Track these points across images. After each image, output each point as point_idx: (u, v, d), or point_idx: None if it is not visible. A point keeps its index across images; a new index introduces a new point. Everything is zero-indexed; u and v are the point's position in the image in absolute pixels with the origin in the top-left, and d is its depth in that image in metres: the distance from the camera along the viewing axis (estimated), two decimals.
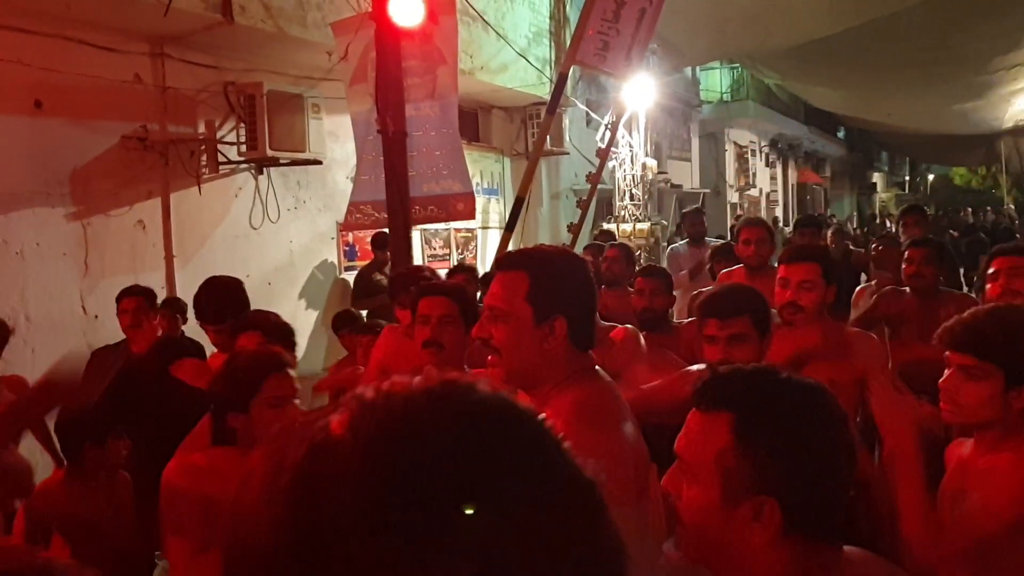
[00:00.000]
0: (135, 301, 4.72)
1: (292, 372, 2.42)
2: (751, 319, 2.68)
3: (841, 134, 29.76)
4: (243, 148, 7.07)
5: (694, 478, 1.24)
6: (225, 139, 7.13)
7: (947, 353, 2.04)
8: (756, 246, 5.26)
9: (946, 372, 2.05)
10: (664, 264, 7.89)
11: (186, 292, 6.05)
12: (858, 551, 1.28)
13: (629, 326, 3.58)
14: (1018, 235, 17.66)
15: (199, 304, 3.80)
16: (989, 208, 28.68)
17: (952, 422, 2.12)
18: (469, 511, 0.56)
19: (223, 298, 3.77)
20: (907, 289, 4.69)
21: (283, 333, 3.15)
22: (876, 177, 38.26)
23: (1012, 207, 30.70)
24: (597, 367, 1.98)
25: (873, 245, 5.94)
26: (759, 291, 2.91)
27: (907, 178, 42.73)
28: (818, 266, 3.16)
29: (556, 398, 1.82)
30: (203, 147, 7.05)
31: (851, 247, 9.89)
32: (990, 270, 3.64)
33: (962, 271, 9.75)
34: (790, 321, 3.11)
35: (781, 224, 20.72)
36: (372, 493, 0.57)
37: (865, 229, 18.33)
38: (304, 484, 0.59)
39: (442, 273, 7.96)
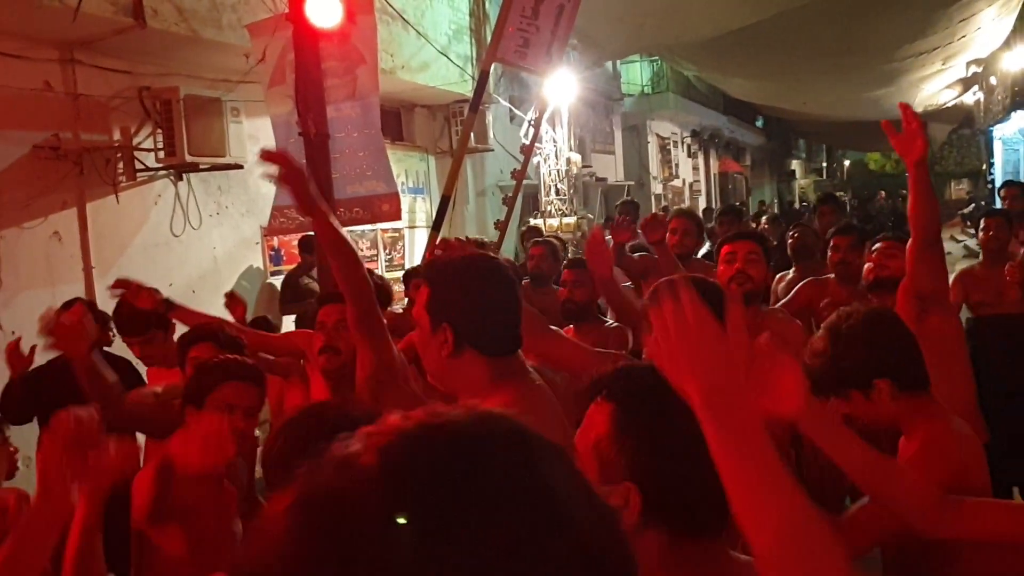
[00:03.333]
0: (80, 310, 4.60)
1: (255, 387, 2.46)
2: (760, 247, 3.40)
3: (760, 123, 30.39)
4: (161, 154, 6.93)
5: (582, 466, 1.28)
6: (142, 146, 6.98)
7: None
8: (680, 236, 5.37)
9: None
10: None
11: (107, 304, 5.90)
12: (745, 558, 1.27)
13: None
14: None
15: (119, 317, 3.76)
16: (904, 191, 29.59)
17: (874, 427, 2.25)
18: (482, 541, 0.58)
19: (141, 310, 3.74)
20: (830, 276, 4.77)
21: (236, 346, 3.16)
22: (795, 164, 39.15)
23: None
24: (531, 368, 2.02)
25: (790, 232, 6.06)
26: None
27: (824, 164, 43.86)
28: (759, 245, 3.45)
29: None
30: (119, 154, 6.88)
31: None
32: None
33: None
34: (741, 291, 3.30)
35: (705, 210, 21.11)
36: (391, 516, 0.58)
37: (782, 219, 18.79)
38: (325, 502, 0.61)
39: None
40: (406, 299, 6.26)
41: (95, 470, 1.61)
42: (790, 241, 5.84)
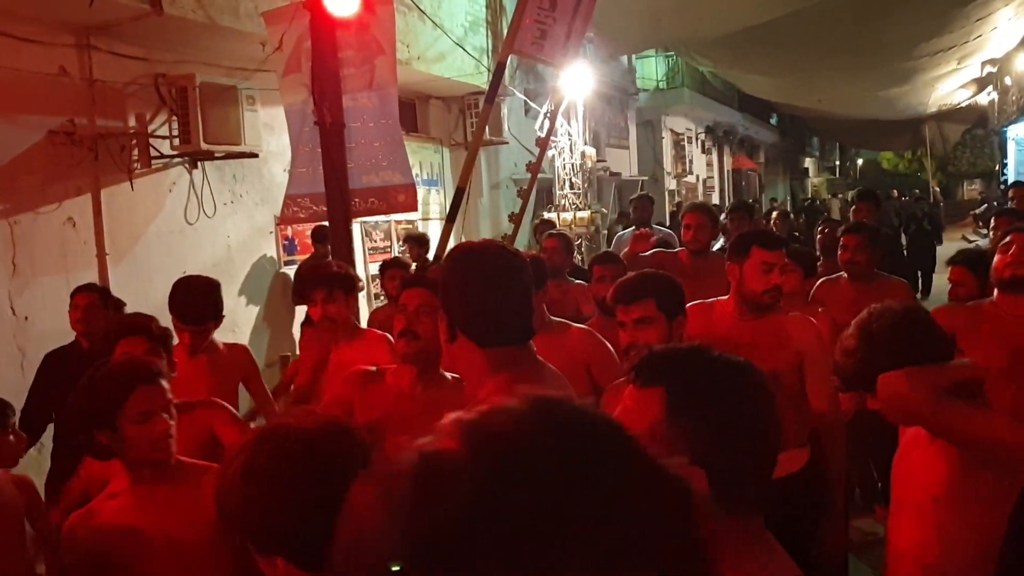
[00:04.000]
0: (87, 298, 4.59)
1: (164, 383, 2.31)
2: (655, 302, 2.81)
3: (774, 120, 30.28)
4: (176, 142, 6.91)
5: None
6: (157, 133, 6.96)
7: None
8: (695, 231, 5.34)
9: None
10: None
11: (120, 290, 5.90)
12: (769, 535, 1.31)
13: (584, 327, 3.65)
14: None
15: (178, 305, 3.71)
16: (917, 191, 29.47)
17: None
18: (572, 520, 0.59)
19: (202, 299, 3.72)
20: (842, 275, 4.79)
21: (166, 339, 3.11)
22: (808, 162, 39.02)
23: (938, 189, 31.61)
24: (530, 358, 2.02)
25: (819, 228, 6.05)
26: (666, 275, 3.04)
27: (837, 163, 43.70)
28: (786, 252, 3.51)
29: (478, 395, 1.92)
30: (134, 141, 6.86)
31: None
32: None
33: None
34: (772, 305, 3.31)
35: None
36: (486, 502, 0.59)
37: (802, 216, 18.65)
38: (422, 492, 0.61)
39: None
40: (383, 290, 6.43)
41: None
42: (819, 237, 5.81)
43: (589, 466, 0.62)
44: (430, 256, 7.50)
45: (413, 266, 7.15)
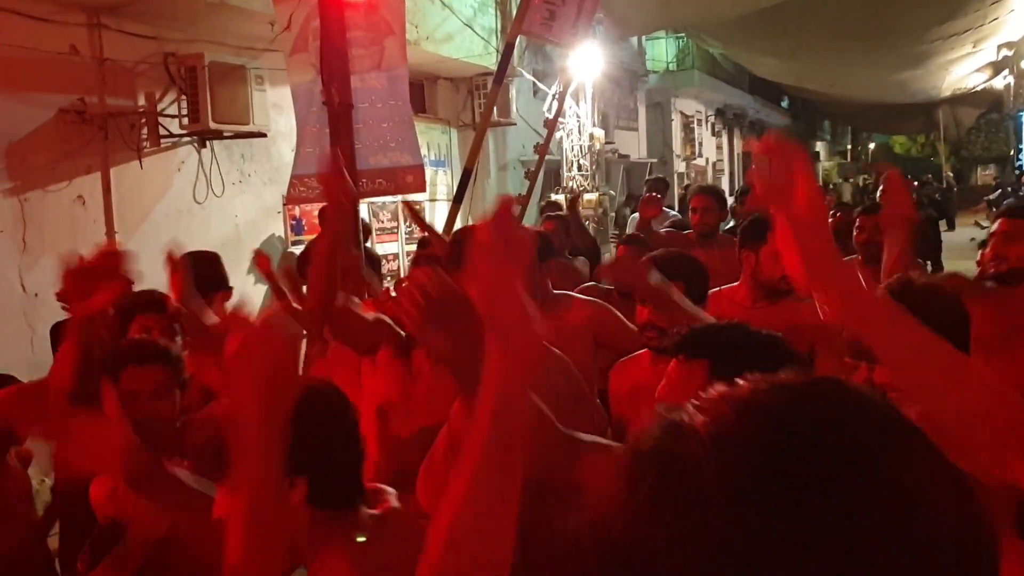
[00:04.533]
0: None
1: (164, 365, 2.34)
2: (684, 285, 2.71)
3: (785, 103, 30.10)
4: (185, 121, 6.94)
5: None
6: (166, 112, 6.99)
7: None
8: (701, 215, 5.34)
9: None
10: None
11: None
12: None
13: (591, 299, 3.64)
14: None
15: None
16: (929, 175, 29.32)
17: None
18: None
19: (208, 272, 3.75)
20: (856, 257, 4.75)
21: (180, 315, 3.12)
22: (819, 146, 38.77)
23: (951, 174, 31.43)
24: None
25: (832, 213, 6.02)
26: (696, 258, 2.98)
27: (849, 147, 43.42)
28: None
29: None
30: (143, 120, 6.90)
31: None
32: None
33: None
34: (789, 291, 3.22)
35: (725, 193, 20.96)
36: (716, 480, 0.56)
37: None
38: (709, 495, 0.57)
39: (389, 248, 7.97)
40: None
41: None
42: (831, 221, 5.79)
43: (886, 457, 0.57)
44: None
45: None
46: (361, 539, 1.54)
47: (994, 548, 0.59)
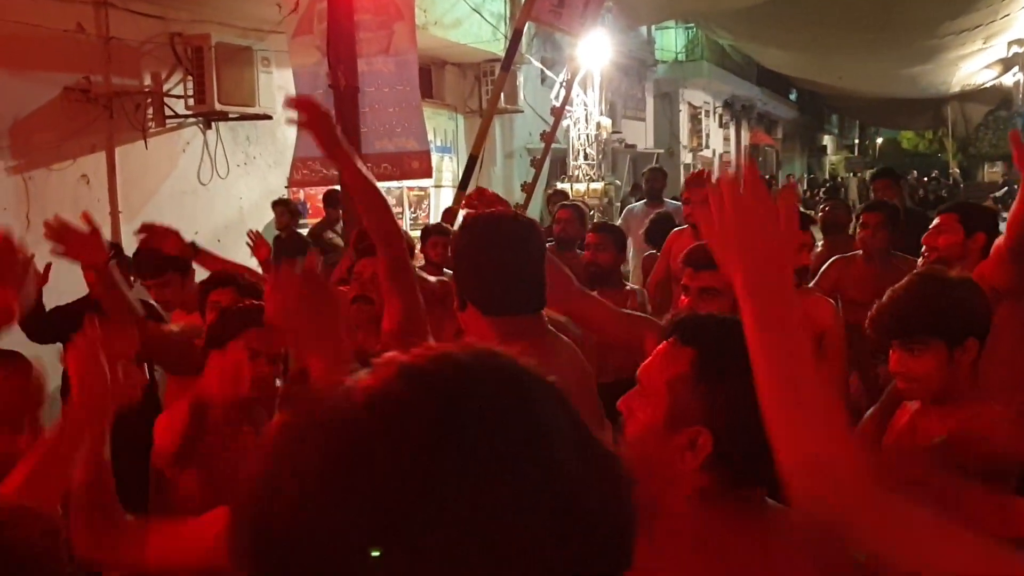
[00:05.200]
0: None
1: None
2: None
3: (793, 96, 29.98)
4: (191, 102, 6.92)
5: (646, 400, 1.33)
6: (172, 92, 6.97)
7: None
8: (694, 207, 5.31)
9: (892, 356, 2.12)
10: (618, 222, 7.92)
11: (133, 248, 5.93)
12: (783, 507, 1.33)
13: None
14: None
15: (137, 258, 3.80)
16: (936, 171, 29.23)
17: (913, 398, 2.16)
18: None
19: (157, 252, 3.77)
20: (858, 254, 4.72)
21: (256, 292, 3.16)
22: (826, 139, 38.68)
23: (957, 171, 31.34)
24: (552, 328, 2.02)
25: (822, 206, 6.00)
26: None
27: (856, 141, 43.28)
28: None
29: None
30: (149, 100, 6.88)
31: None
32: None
33: None
34: (797, 284, 3.21)
35: None
36: (372, 443, 0.58)
37: (819, 193, 18.52)
38: (359, 442, 0.59)
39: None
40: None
41: (115, 386, 1.63)
42: (820, 215, 5.77)
43: (530, 423, 0.62)
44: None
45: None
46: None
47: (625, 499, 0.64)
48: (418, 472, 0.57)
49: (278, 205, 7.63)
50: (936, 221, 3.53)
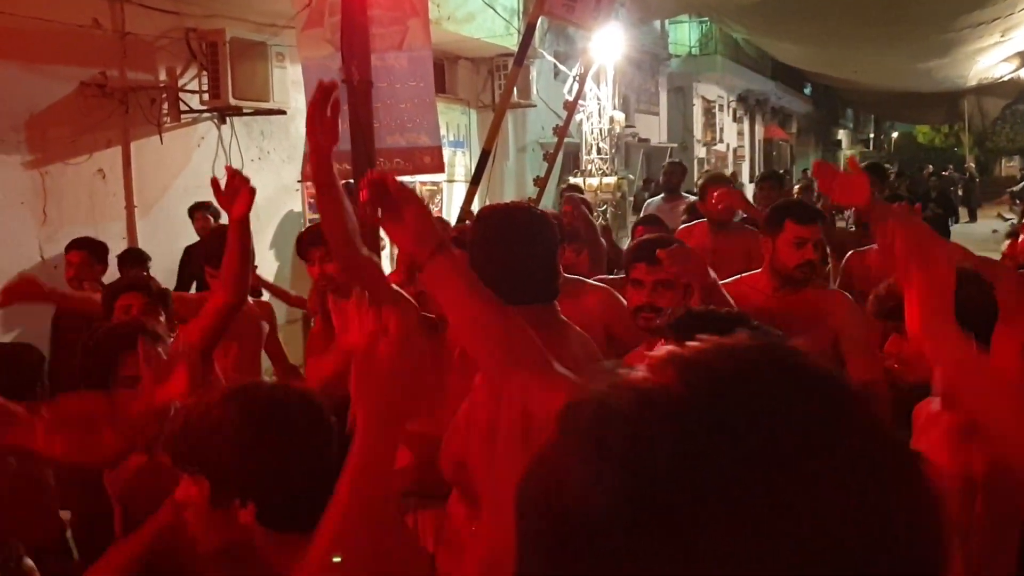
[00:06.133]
0: (79, 255, 4.63)
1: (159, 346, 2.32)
2: None
3: (807, 91, 29.83)
4: (205, 97, 6.95)
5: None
6: (187, 87, 7.01)
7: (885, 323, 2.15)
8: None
9: (888, 339, 2.14)
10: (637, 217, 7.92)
11: (147, 243, 5.99)
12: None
13: (604, 286, 3.63)
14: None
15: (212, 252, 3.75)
16: (951, 166, 29.05)
17: (909, 381, 2.17)
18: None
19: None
20: (873, 248, 4.71)
21: (164, 297, 3.09)
22: (841, 134, 38.45)
23: (973, 165, 31.13)
24: (553, 318, 2.05)
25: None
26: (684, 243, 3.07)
27: (871, 135, 43.01)
28: (821, 226, 3.35)
29: None
30: (164, 95, 6.92)
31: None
32: None
33: None
34: (805, 280, 3.21)
35: (743, 180, 20.84)
36: (709, 452, 0.54)
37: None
38: (637, 442, 0.56)
39: None
40: None
41: None
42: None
43: (830, 422, 0.57)
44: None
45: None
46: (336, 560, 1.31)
47: (940, 523, 0.58)
48: (692, 469, 0.54)
49: (197, 210, 6.53)
50: None
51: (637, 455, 0.55)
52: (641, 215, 7.97)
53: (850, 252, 4.88)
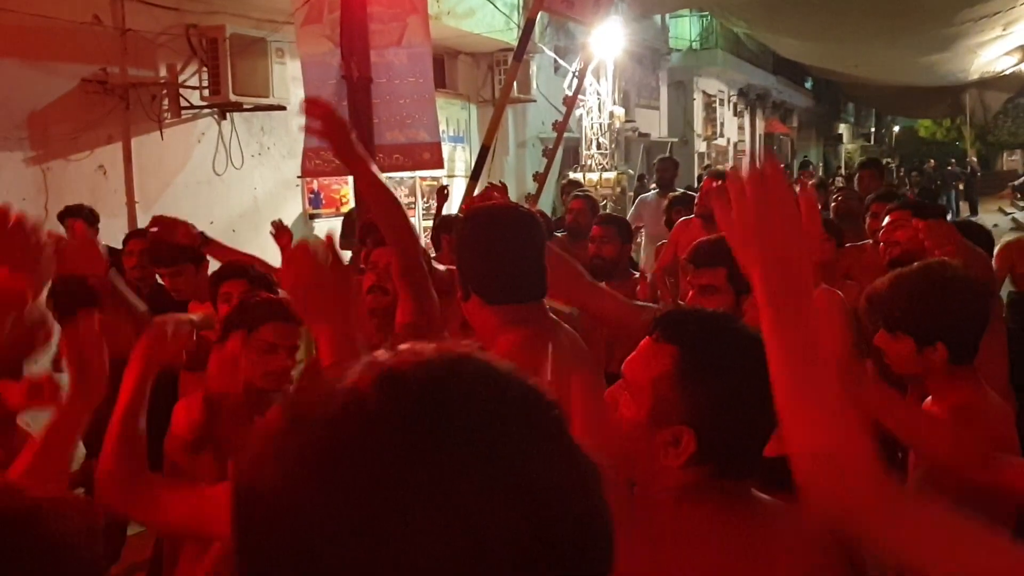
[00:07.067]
0: (141, 243, 4.69)
1: (296, 327, 2.47)
2: (726, 272, 2.64)
3: (809, 85, 29.79)
4: (206, 92, 6.97)
5: (631, 396, 1.34)
6: (187, 83, 7.03)
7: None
8: (702, 198, 5.36)
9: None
10: (631, 212, 7.94)
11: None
12: (772, 500, 1.35)
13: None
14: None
15: (151, 248, 3.84)
16: (953, 160, 29.01)
17: (897, 372, 2.24)
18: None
19: (169, 242, 3.84)
20: (867, 243, 4.73)
21: (266, 283, 3.19)
22: (842, 128, 38.39)
23: (975, 159, 31.08)
24: (553, 316, 2.07)
25: (834, 196, 6.00)
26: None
27: (873, 130, 42.95)
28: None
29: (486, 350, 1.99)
30: (165, 91, 6.94)
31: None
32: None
33: None
34: None
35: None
36: (399, 460, 0.59)
37: (832, 181, 18.38)
38: (334, 443, 0.61)
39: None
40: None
41: (150, 348, 1.74)
42: (833, 205, 5.79)
43: (496, 426, 0.62)
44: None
45: None
46: None
47: (600, 513, 0.65)
48: (385, 477, 0.59)
49: (67, 216, 5.70)
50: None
51: (331, 459, 0.60)
52: (631, 211, 7.98)
53: (846, 246, 4.90)
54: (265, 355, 2.41)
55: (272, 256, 8.21)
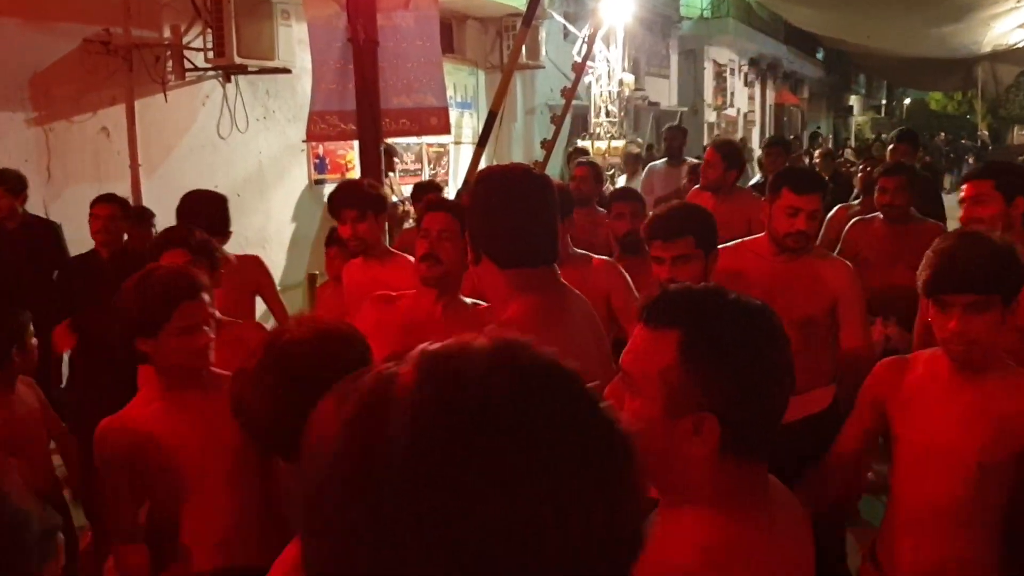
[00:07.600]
0: (107, 208, 4.64)
1: (206, 297, 2.34)
2: (694, 239, 2.81)
3: (820, 55, 29.53)
4: (210, 55, 6.88)
5: (638, 391, 1.26)
6: (191, 45, 6.94)
7: (944, 297, 2.05)
8: (706, 168, 5.36)
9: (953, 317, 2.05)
10: (640, 182, 7.87)
11: (152, 202, 5.96)
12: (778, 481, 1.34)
13: (607, 258, 3.64)
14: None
15: (194, 216, 3.72)
16: (964, 133, 28.78)
17: (968, 359, 2.10)
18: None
19: (216, 212, 3.80)
20: (877, 215, 4.70)
21: (207, 251, 3.08)
22: (853, 100, 38.09)
23: (986, 133, 30.85)
24: (553, 280, 2.07)
25: (862, 167, 5.95)
26: (704, 209, 3.03)
27: (884, 102, 42.61)
28: (820, 196, 3.25)
29: (502, 317, 1.99)
30: (169, 52, 6.85)
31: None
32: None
33: None
34: (796, 249, 3.17)
35: (754, 144, 20.67)
36: (421, 434, 0.61)
37: (842, 153, 18.22)
38: (366, 420, 0.63)
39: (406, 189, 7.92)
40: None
41: None
42: (860, 175, 5.73)
43: (536, 416, 0.63)
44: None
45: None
46: None
47: (638, 505, 0.67)
48: (421, 474, 0.59)
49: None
50: (966, 190, 3.32)
51: (360, 433, 0.62)
52: (642, 179, 7.90)
53: (854, 220, 4.85)
54: (183, 338, 2.27)
55: (276, 221, 8.21)
